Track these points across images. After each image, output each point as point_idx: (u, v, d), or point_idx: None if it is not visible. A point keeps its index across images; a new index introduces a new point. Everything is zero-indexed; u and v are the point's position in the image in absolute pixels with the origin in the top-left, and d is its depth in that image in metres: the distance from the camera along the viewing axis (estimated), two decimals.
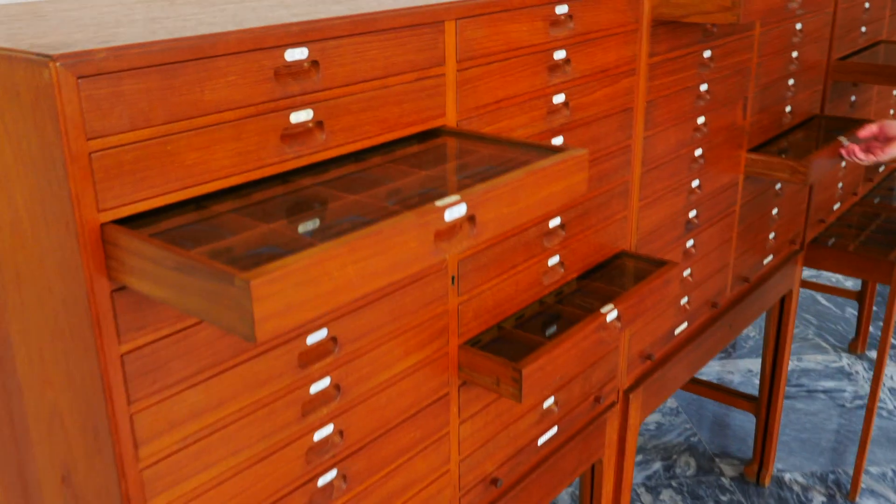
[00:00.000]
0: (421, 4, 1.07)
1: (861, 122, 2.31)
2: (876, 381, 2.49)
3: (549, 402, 1.49)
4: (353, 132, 1.00)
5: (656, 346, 1.80)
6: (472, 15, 1.13)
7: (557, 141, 1.36)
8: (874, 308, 3.62)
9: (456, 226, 0.86)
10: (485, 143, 1.10)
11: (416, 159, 1.05)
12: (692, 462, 2.73)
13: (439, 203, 0.84)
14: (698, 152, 1.77)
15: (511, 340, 1.33)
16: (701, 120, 1.75)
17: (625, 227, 1.59)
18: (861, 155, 1.95)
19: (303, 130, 0.95)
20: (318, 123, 0.97)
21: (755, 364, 3.26)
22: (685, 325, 1.89)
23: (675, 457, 2.75)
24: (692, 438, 2.83)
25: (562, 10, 1.29)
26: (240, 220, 0.86)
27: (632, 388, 1.74)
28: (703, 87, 1.73)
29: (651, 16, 1.50)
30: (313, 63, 0.95)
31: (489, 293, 1.29)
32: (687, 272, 1.84)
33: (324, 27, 0.94)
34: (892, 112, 2.96)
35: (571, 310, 1.42)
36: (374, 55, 1.01)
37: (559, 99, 1.33)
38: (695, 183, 1.78)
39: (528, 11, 1.23)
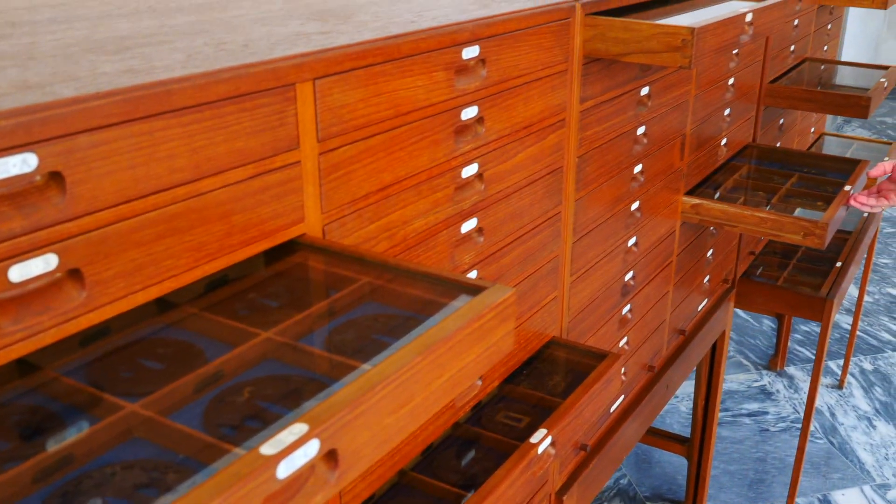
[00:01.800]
0: (255, 61, 0.65)
1: (794, 150, 1.99)
2: (807, 421, 2.19)
3: None
4: (132, 279, 0.57)
5: (591, 433, 1.43)
6: (337, 72, 0.71)
7: (470, 225, 0.95)
8: (791, 322, 3.36)
9: (302, 476, 0.45)
10: (358, 265, 0.68)
11: (246, 304, 0.63)
12: None
13: (267, 450, 0.42)
14: (635, 206, 1.39)
15: (414, 491, 0.93)
16: (638, 168, 1.37)
17: (555, 309, 1.20)
18: (872, 201, 1.58)
19: (38, 289, 0.52)
20: (74, 272, 0.54)
21: (686, 386, 2.95)
22: (622, 398, 1.53)
23: (604, 502, 2.41)
24: (622, 480, 2.49)
25: (471, 52, 0.88)
26: None
27: (565, 489, 1.36)
28: (641, 130, 1.35)
29: (583, 52, 1.11)
30: (52, 175, 0.52)
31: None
32: (623, 341, 1.47)
33: (56, 118, 0.50)
34: (812, 130, 2.67)
35: (491, 435, 1.02)
36: (170, 149, 0.58)
37: (471, 170, 0.93)
38: (631, 241, 1.41)
39: (425, 59, 0.81)
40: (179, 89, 0.57)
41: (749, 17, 1.23)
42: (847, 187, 1.69)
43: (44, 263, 0.51)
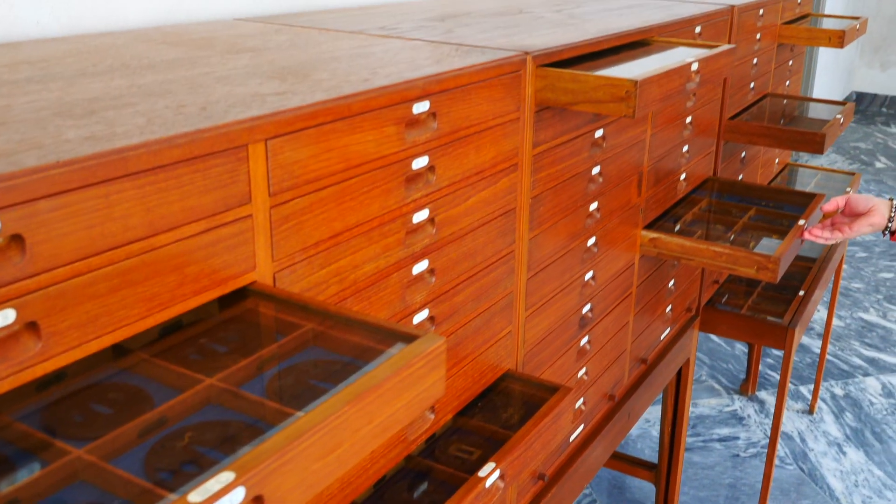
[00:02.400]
0: (210, 126, 0.70)
1: (753, 184, 2.06)
2: (772, 449, 2.25)
3: None
4: (86, 329, 0.62)
5: (549, 462, 1.48)
6: (289, 132, 0.77)
7: (421, 266, 1.01)
8: (762, 346, 3.43)
9: None
10: (303, 312, 0.73)
11: (196, 349, 0.68)
12: None
13: (195, 497, 0.47)
14: (591, 241, 1.45)
15: None
16: (594, 206, 1.43)
17: (510, 343, 1.26)
18: (826, 234, 1.66)
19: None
20: (32, 324, 0.59)
21: (654, 411, 3.00)
22: (581, 427, 1.58)
23: None
24: None
25: (422, 108, 0.94)
26: None
27: None
28: (596, 170, 1.41)
29: (535, 101, 1.17)
30: (13, 237, 0.57)
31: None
32: (582, 372, 1.53)
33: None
34: (776, 162, 2.75)
35: (443, 468, 1.07)
36: (125, 209, 0.64)
37: (422, 216, 0.99)
38: (588, 275, 1.47)
39: (376, 116, 0.87)
40: (135, 156, 0.63)
41: (695, 66, 1.29)
42: (801, 221, 1.76)
43: (2, 318, 0.56)
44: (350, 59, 1.02)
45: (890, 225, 1.58)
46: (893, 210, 1.58)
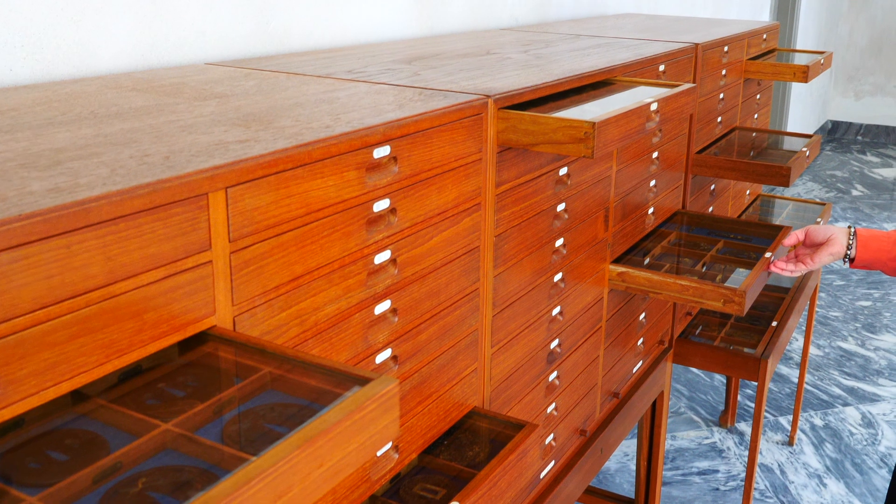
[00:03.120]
0: (171, 176, 0.73)
1: (721, 217, 2.11)
2: (748, 484, 2.27)
3: None
4: (44, 377, 0.64)
5: (519, 499, 1.49)
6: (249, 179, 0.80)
7: (383, 307, 1.03)
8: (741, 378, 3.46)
9: None
10: (261, 355, 0.76)
11: (155, 394, 0.70)
12: None
13: None
14: (558, 277, 1.49)
15: None
16: (559, 242, 1.47)
17: (476, 380, 1.28)
18: (791, 266, 1.71)
19: None
20: None
21: (632, 445, 3.02)
22: (552, 463, 1.60)
23: None
24: None
25: (382, 152, 0.98)
26: None
27: None
28: (561, 207, 1.45)
29: (497, 142, 1.21)
30: None
31: None
32: (551, 408, 1.55)
33: None
34: (748, 193, 2.81)
35: None
36: (85, 259, 0.66)
37: (383, 257, 1.02)
38: (556, 310, 1.50)
39: (336, 161, 0.91)
40: (97, 207, 0.66)
41: (654, 106, 1.34)
42: (767, 254, 1.81)
43: None
44: (314, 105, 1.06)
45: (849, 252, 1.63)
46: (851, 237, 1.63)
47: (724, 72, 2.25)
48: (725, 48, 2.22)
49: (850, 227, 1.65)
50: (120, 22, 1.32)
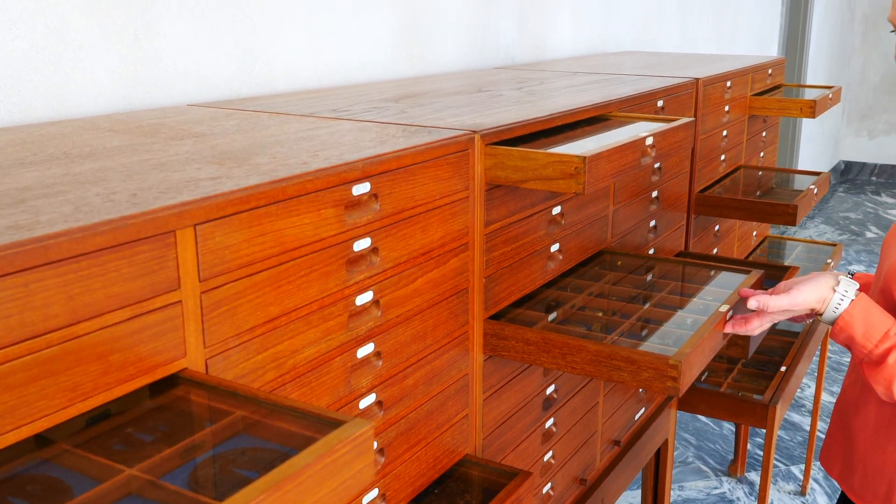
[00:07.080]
0: (135, 213, 0.74)
1: (729, 258, 2.11)
2: None
3: None
4: (3, 421, 0.64)
5: None
6: (219, 217, 0.81)
7: (367, 350, 1.03)
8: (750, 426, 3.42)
9: None
10: (233, 399, 0.76)
11: (122, 439, 0.70)
12: None
13: None
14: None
15: None
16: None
17: (466, 427, 1.27)
18: (755, 322, 1.38)
19: None
20: None
21: (634, 496, 2.98)
22: None
23: None
24: None
25: (362, 189, 0.98)
26: None
27: None
28: (555, 248, 1.45)
29: (485, 179, 1.22)
30: None
31: None
32: (548, 455, 1.53)
33: None
34: (754, 234, 2.81)
35: None
36: (45, 298, 0.66)
37: (365, 298, 1.02)
38: None
39: (312, 199, 0.91)
40: (56, 244, 0.66)
41: (650, 140, 1.35)
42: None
43: None
44: (293, 143, 1.07)
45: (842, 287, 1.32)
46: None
47: (727, 108, 2.27)
48: (728, 83, 2.24)
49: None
50: (101, 63, 1.34)
